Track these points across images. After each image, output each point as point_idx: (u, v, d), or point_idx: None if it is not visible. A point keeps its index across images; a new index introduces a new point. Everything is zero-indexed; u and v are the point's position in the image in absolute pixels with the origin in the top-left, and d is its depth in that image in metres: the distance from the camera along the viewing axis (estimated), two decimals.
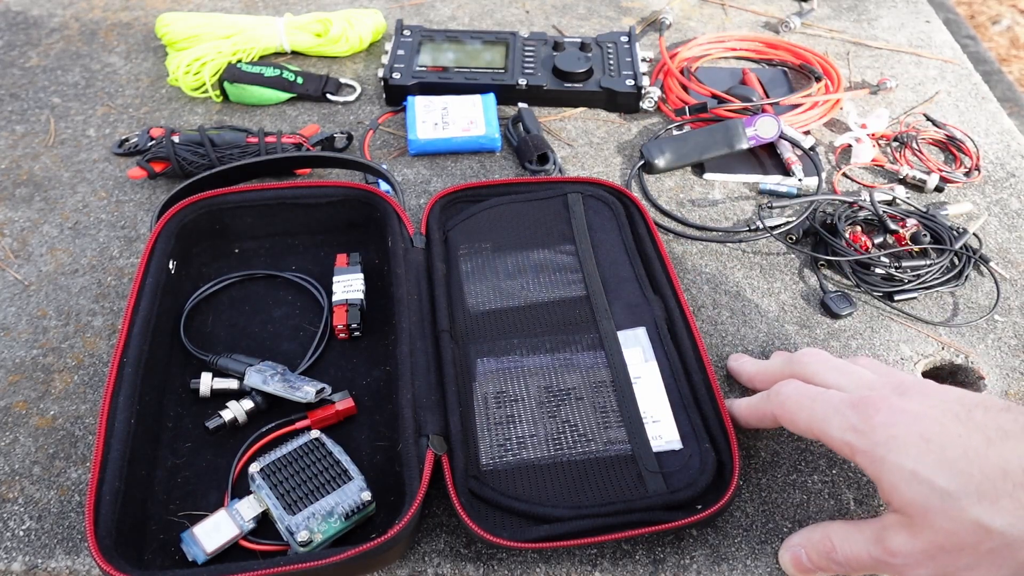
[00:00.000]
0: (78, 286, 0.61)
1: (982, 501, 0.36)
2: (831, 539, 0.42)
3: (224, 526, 0.45)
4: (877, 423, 0.39)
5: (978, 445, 0.37)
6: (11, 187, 0.70)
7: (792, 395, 0.44)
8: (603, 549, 0.46)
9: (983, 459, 0.36)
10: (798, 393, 0.44)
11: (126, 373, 0.48)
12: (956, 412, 0.38)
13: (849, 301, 0.60)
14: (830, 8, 0.97)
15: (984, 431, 0.37)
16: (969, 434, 0.37)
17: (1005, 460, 0.36)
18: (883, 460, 0.39)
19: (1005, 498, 0.35)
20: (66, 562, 0.45)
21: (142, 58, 0.86)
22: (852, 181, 0.72)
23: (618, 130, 0.78)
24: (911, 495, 0.38)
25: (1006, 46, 2.03)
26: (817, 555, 0.43)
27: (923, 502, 0.37)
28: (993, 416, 0.38)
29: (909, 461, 0.38)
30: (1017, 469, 0.35)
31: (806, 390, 0.44)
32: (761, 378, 0.51)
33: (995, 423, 0.37)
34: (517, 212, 0.64)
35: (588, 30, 0.91)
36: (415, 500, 0.43)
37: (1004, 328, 0.60)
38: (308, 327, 0.57)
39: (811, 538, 0.43)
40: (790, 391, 0.45)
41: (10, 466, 0.50)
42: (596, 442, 0.49)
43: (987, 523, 0.35)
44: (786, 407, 0.44)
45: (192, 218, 0.59)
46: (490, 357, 0.54)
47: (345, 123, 0.78)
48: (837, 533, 0.42)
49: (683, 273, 0.63)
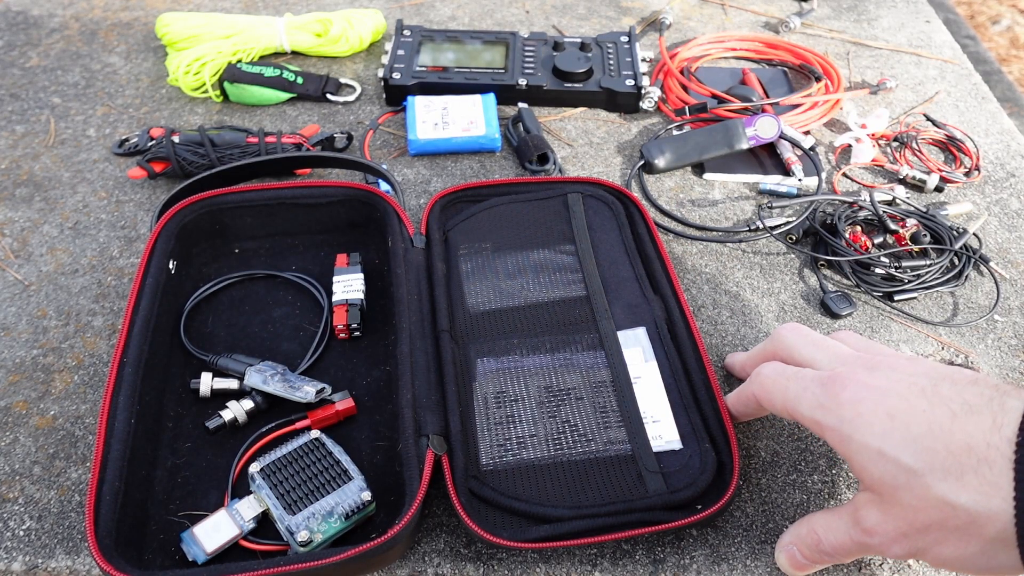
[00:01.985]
0: (78, 286, 0.61)
1: (947, 478, 0.35)
2: (816, 531, 0.42)
3: (224, 526, 0.45)
4: (844, 400, 0.39)
5: (943, 420, 0.36)
6: (11, 187, 0.70)
7: (769, 375, 0.44)
8: (603, 549, 0.46)
9: (948, 435, 0.36)
10: (775, 373, 0.44)
11: (126, 373, 0.48)
12: (923, 387, 0.38)
13: (849, 301, 0.60)
14: (830, 8, 0.97)
15: (949, 405, 0.37)
16: (933, 409, 0.37)
17: (969, 435, 0.35)
18: (850, 439, 0.39)
19: (969, 473, 0.35)
20: (66, 562, 0.45)
21: (142, 58, 0.86)
22: (852, 181, 0.72)
23: (618, 130, 0.78)
24: (879, 474, 0.37)
25: (1006, 46, 2.03)
26: (808, 549, 0.43)
27: (890, 480, 0.37)
28: (960, 390, 0.37)
29: (875, 439, 0.37)
30: (981, 444, 0.35)
31: (782, 369, 0.44)
32: (750, 364, 0.51)
33: (961, 397, 0.37)
34: (517, 212, 0.64)
35: (588, 30, 0.91)
36: (415, 500, 0.43)
37: (1004, 328, 0.60)
38: (308, 327, 0.57)
39: (799, 534, 0.43)
40: (768, 371, 0.45)
41: (10, 466, 0.50)
42: (596, 442, 0.49)
43: (952, 499, 0.35)
44: (764, 387, 0.44)
45: (192, 218, 0.59)
46: (490, 357, 0.54)
47: (345, 123, 0.78)
48: (819, 523, 0.42)
49: (683, 273, 0.63)
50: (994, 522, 0.34)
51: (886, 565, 0.46)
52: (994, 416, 0.35)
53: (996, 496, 0.34)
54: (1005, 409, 0.35)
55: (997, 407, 0.35)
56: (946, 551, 0.37)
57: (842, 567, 0.46)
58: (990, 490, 0.34)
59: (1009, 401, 0.35)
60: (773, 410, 0.44)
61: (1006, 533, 0.34)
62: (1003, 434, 0.34)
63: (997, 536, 0.34)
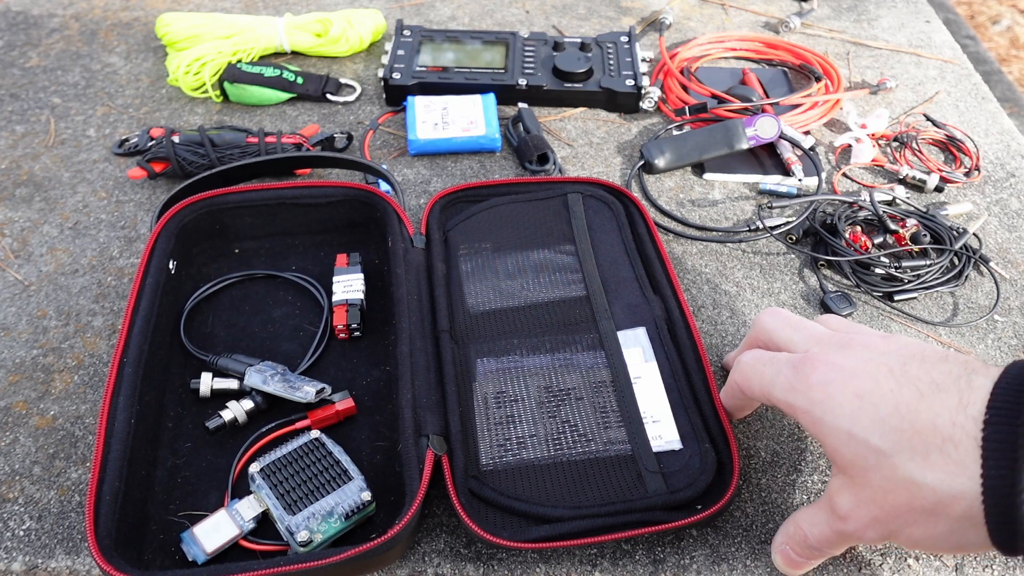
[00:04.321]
0: (78, 286, 0.61)
1: (914, 457, 0.35)
2: (801, 527, 0.42)
3: (224, 526, 0.45)
4: (814, 382, 0.39)
5: (909, 400, 0.36)
6: (11, 187, 0.70)
7: (748, 362, 0.44)
8: (603, 549, 0.46)
9: (914, 414, 0.35)
10: (753, 359, 0.44)
11: (126, 373, 0.48)
12: (891, 366, 0.38)
13: (849, 301, 0.60)
14: (830, 8, 0.97)
15: (917, 385, 0.36)
16: (901, 389, 0.37)
17: (935, 414, 0.35)
18: (821, 421, 0.38)
19: (935, 453, 0.35)
20: (66, 562, 0.45)
21: (142, 58, 0.86)
22: (852, 181, 0.72)
23: (618, 130, 0.78)
24: (849, 456, 0.37)
25: (1006, 46, 2.03)
26: (798, 547, 0.43)
27: (860, 462, 0.37)
28: (928, 368, 0.37)
29: (845, 421, 0.37)
30: (947, 423, 0.35)
31: (759, 355, 0.44)
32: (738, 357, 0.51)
33: (928, 376, 0.36)
34: (517, 212, 0.64)
35: (588, 30, 0.91)
36: (415, 500, 0.43)
37: (1004, 328, 0.60)
38: (308, 327, 0.57)
39: (788, 532, 0.43)
40: (747, 359, 0.45)
41: (10, 466, 0.50)
42: (596, 442, 0.49)
43: (919, 479, 0.35)
44: (744, 375, 0.44)
45: (192, 218, 0.59)
46: (490, 357, 0.54)
47: (345, 123, 0.78)
48: (803, 519, 0.42)
49: (683, 273, 0.63)
50: (960, 501, 0.34)
51: (886, 565, 0.46)
52: (960, 394, 0.35)
53: (962, 475, 0.34)
54: (972, 387, 0.35)
55: (964, 385, 0.35)
56: (916, 532, 0.37)
57: (843, 567, 0.46)
58: (956, 469, 0.34)
59: (976, 379, 0.35)
60: (753, 396, 0.44)
61: (973, 511, 0.34)
62: (968, 413, 0.34)
63: (964, 515, 0.34)
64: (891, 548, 0.47)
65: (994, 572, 0.46)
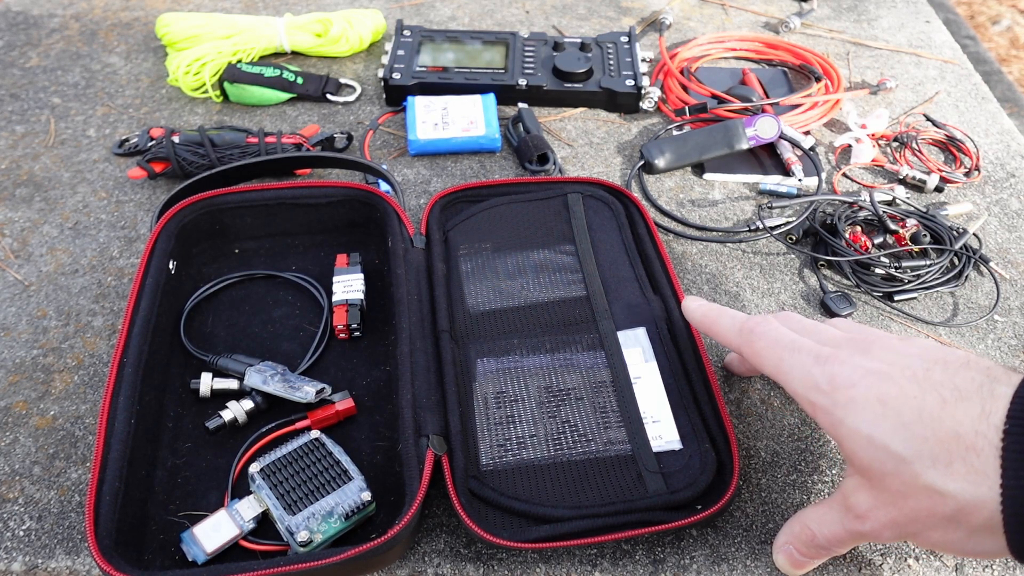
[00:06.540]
0: (78, 286, 0.61)
1: (936, 465, 0.35)
2: (809, 526, 0.42)
3: (224, 526, 0.45)
4: (839, 383, 0.39)
5: (932, 407, 0.36)
6: (11, 187, 0.70)
7: (765, 334, 0.43)
8: (603, 549, 0.46)
9: (937, 422, 0.35)
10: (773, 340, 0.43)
11: (126, 373, 0.48)
12: (915, 371, 0.38)
13: (849, 301, 0.60)
14: (830, 8, 0.97)
15: (940, 391, 0.36)
16: (924, 395, 0.36)
17: (958, 422, 0.35)
18: (841, 422, 0.38)
19: (957, 461, 0.34)
20: (66, 562, 0.45)
21: (142, 58, 0.86)
22: (852, 181, 0.72)
23: (618, 130, 0.78)
24: (868, 460, 0.37)
25: (1006, 46, 2.03)
26: (804, 546, 0.43)
27: (879, 467, 0.37)
28: (951, 374, 0.37)
29: (865, 425, 0.37)
30: (969, 431, 0.34)
31: (780, 337, 0.43)
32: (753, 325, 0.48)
33: (952, 382, 0.36)
34: (517, 212, 0.64)
35: (588, 30, 0.91)
36: (415, 500, 0.43)
37: (1004, 328, 0.60)
38: (308, 327, 0.57)
39: (792, 531, 0.43)
40: (763, 330, 0.44)
41: (10, 466, 0.50)
42: (596, 442, 0.49)
43: (940, 487, 0.35)
44: (755, 347, 0.44)
45: (192, 218, 0.59)
46: (490, 357, 0.54)
47: (345, 123, 0.78)
48: (812, 518, 0.42)
49: (683, 273, 0.63)
50: (981, 510, 0.34)
51: (886, 565, 0.46)
52: (983, 403, 0.35)
53: (983, 484, 0.34)
54: (994, 395, 0.35)
55: (987, 393, 0.35)
56: (934, 536, 0.37)
57: (843, 567, 0.46)
58: (977, 478, 0.34)
59: (998, 388, 0.35)
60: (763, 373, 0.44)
61: (993, 521, 0.34)
62: (991, 421, 0.34)
63: (985, 523, 0.34)
64: (891, 548, 0.47)
65: (994, 572, 0.46)
